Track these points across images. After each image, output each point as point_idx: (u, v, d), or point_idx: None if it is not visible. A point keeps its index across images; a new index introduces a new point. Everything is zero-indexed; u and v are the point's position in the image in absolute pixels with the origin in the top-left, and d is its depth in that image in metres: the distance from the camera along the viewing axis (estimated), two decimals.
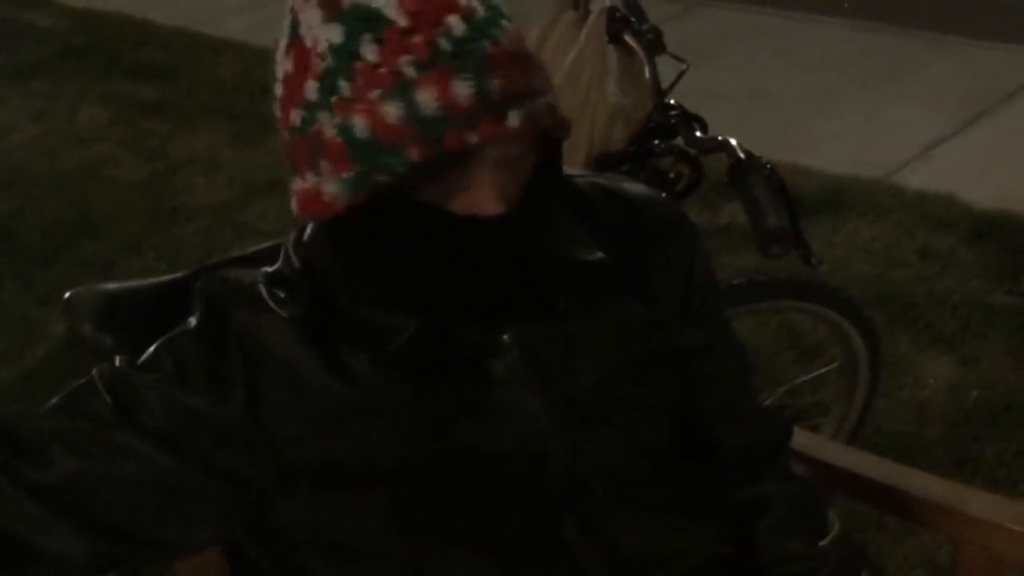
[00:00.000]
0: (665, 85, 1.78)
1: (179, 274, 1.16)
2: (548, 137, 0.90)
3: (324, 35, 0.83)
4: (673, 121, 1.77)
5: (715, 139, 1.70)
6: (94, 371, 0.96)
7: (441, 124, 0.81)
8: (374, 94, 0.81)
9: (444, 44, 0.81)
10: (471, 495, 0.98)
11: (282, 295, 0.97)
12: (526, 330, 0.97)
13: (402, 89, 0.81)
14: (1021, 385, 2.62)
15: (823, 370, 2.30)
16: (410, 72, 0.81)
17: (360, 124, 0.82)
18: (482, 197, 0.85)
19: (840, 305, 2.05)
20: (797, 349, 2.65)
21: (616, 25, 1.77)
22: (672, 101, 1.80)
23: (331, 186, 0.86)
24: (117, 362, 0.96)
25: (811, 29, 5.06)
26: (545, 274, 0.96)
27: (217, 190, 3.92)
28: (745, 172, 1.59)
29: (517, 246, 0.89)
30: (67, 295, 1.17)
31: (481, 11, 0.83)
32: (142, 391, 0.93)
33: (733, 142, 1.66)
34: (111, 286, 1.21)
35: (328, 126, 0.84)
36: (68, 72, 5.18)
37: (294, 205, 0.92)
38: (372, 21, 0.82)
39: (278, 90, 0.90)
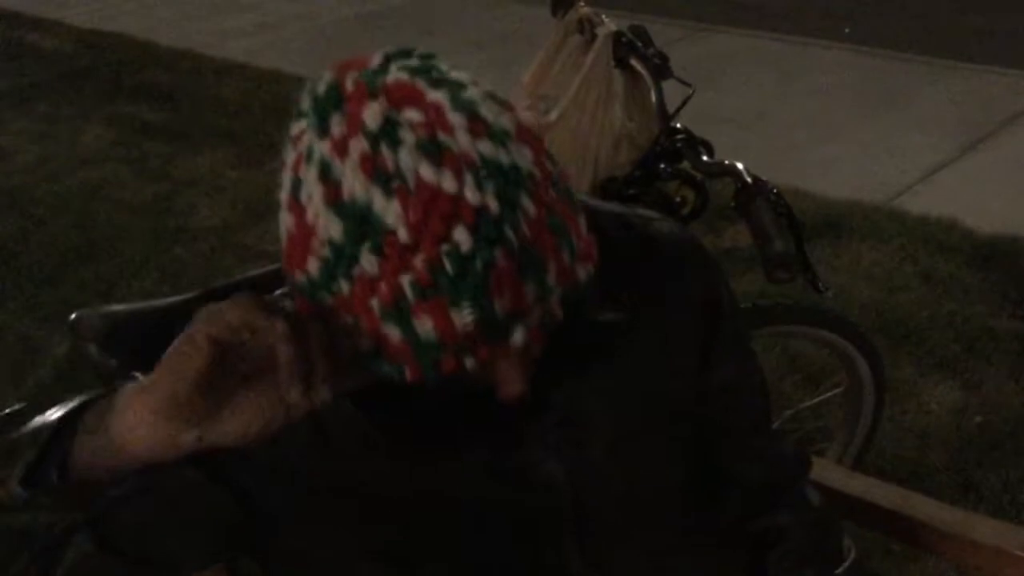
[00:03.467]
0: (671, 109, 1.78)
1: (184, 296, 1.16)
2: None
3: (325, 222, 0.76)
4: (679, 145, 1.77)
5: (721, 163, 1.70)
6: (116, 382, 0.94)
7: (437, 350, 0.77)
8: (374, 305, 0.76)
9: (447, 264, 0.74)
10: (481, 530, 0.97)
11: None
12: (541, 393, 0.94)
13: (399, 312, 0.76)
14: (1023, 409, 2.62)
15: (827, 395, 2.30)
16: (410, 294, 0.75)
17: (362, 330, 0.78)
18: (505, 386, 0.84)
19: (845, 330, 2.05)
20: (801, 374, 2.65)
21: (622, 50, 1.77)
22: (678, 125, 1.80)
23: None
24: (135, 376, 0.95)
25: (813, 54, 5.08)
26: (567, 339, 0.92)
27: (220, 212, 3.93)
28: (751, 197, 1.59)
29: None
30: (72, 316, 1.16)
31: (494, 208, 0.75)
32: None
33: (740, 166, 1.65)
34: (116, 308, 1.20)
35: (332, 304, 0.79)
36: (71, 94, 5.20)
37: None
38: (371, 227, 0.75)
39: (282, 230, 0.82)
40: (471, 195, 0.74)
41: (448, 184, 0.74)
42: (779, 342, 2.71)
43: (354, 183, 0.75)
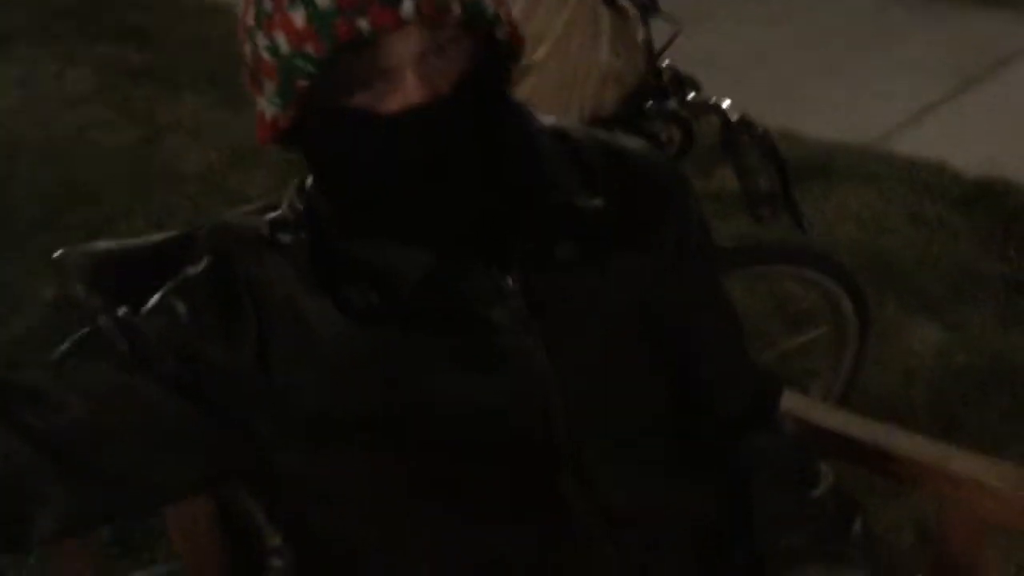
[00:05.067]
0: (658, 47, 1.77)
1: (170, 234, 1.16)
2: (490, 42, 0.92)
3: None
4: (666, 83, 1.77)
5: (707, 102, 1.70)
6: (100, 319, 0.95)
7: (332, 15, 0.84)
8: (284, 2, 0.86)
9: None
10: (473, 447, 0.99)
11: (287, 239, 0.98)
12: (528, 276, 0.98)
13: None
14: (1007, 351, 2.64)
15: (812, 335, 2.31)
16: None
17: (279, 35, 0.87)
18: (406, 90, 0.87)
19: (830, 269, 2.06)
20: (785, 314, 2.66)
21: None
22: (665, 63, 1.79)
23: (268, 104, 0.92)
24: (121, 311, 0.96)
25: None
26: (544, 218, 0.97)
27: (205, 155, 3.90)
28: (737, 135, 1.60)
29: (452, 132, 0.90)
30: (57, 254, 1.16)
31: None
32: (153, 337, 0.93)
33: (725, 104, 1.65)
34: (102, 245, 1.20)
35: (261, 46, 0.89)
36: (51, 37, 5.14)
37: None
38: None
39: (239, 34, 0.95)
40: None
41: None
42: (764, 283, 2.72)
43: None
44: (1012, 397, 2.49)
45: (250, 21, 0.90)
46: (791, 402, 1.29)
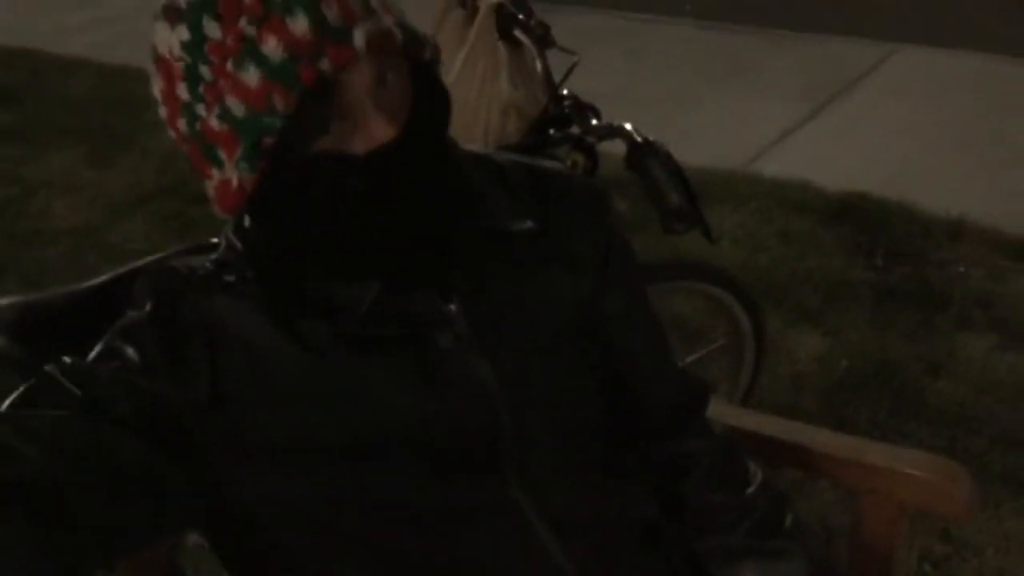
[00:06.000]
0: (557, 78, 1.83)
1: (92, 282, 1.15)
2: (420, 66, 0.95)
3: (175, 38, 0.88)
4: (567, 111, 1.82)
5: (611, 125, 1.75)
6: (47, 368, 0.94)
7: (292, 64, 0.85)
8: (229, 65, 0.86)
9: None
10: (428, 466, 1.00)
11: (231, 279, 0.99)
12: (469, 300, 1.01)
13: (249, 48, 0.85)
14: (883, 351, 2.79)
15: (712, 347, 2.39)
16: (250, 30, 0.85)
17: (230, 98, 0.87)
18: (372, 127, 0.89)
19: (727, 284, 2.14)
20: (684, 330, 2.75)
21: (505, 21, 1.81)
22: (565, 92, 1.84)
23: (234, 170, 0.90)
24: (68, 359, 0.94)
25: (659, 31, 5.24)
26: (480, 244, 1.01)
27: (78, 212, 3.79)
28: (644, 155, 1.66)
29: (421, 165, 0.93)
30: None
31: None
32: (105, 381, 0.92)
33: (628, 127, 1.71)
34: (18, 299, 1.18)
35: (208, 116, 0.89)
36: None
37: (216, 209, 0.96)
38: (207, 3, 0.86)
39: (162, 113, 0.94)
40: None
41: None
42: (659, 301, 2.79)
43: None
44: (893, 394, 2.63)
45: (183, 96, 0.89)
46: (711, 407, 1.35)
